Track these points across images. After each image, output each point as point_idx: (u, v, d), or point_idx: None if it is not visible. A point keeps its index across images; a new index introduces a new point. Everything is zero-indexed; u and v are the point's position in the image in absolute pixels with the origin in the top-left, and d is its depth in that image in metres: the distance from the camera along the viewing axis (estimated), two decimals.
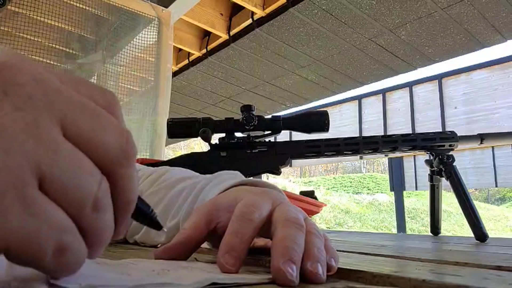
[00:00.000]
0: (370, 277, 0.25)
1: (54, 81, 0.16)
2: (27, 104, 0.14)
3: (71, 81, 0.17)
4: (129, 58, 1.72)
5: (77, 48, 1.74)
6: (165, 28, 1.79)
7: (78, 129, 0.15)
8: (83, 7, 1.66)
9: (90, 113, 0.16)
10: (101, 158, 0.16)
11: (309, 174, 17.08)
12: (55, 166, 0.14)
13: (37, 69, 0.16)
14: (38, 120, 0.14)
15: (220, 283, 0.20)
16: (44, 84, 0.15)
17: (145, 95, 1.76)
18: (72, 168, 0.15)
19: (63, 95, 0.15)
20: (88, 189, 0.15)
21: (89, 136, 0.16)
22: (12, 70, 0.15)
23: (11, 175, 0.13)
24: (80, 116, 0.15)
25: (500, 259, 0.40)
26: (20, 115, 0.14)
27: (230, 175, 0.40)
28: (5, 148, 0.13)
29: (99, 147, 0.16)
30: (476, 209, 0.79)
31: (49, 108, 0.15)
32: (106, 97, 0.18)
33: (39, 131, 0.14)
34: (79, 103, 0.16)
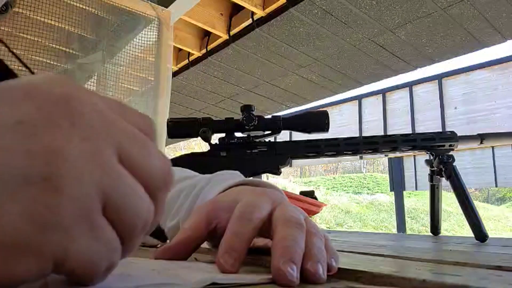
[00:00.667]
0: (370, 277, 0.25)
1: (109, 111, 0.17)
2: (91, 134, 0.15)
3: (117, 108, 0.18)
4: (129, 58, 1.72)
5: (77, 48, 1.74)
6: (165, 28, 1.79)
7: (131, 157, 0.17)
8: (83, 7, 1.66)
9: (140, 142, 0.17)
10: (149, 184, 0.17)
11: (309, 174, 17.08)
12: (117, 193, 0.16)
13: (93, 99, 0.17)
14: (101, 149, 0.16)
15: (220, 283, 0.20)
16: (102, 114, 0.16)
17: (145, 95, 1.76)
18: (131, 195, 0.16)
19: (118, 125, 0.17)
20: (142, 214, 0.17)
21: (140, 163, 0.17)
22: (76, 101, 0.16)
23: (84, 203, 0.15)
24: (132, 145, 0.17)
25: (500, 259, 0.40)
26: (87, 145, 0.15)
27: (230, 175, 0.40)
28: (78, 179, 0.15)
29: (147, 174, 0.17)
30: (476, 209, 0.79)
31: (108, 137, 0.16)
32: (146, 123, 0.19)
33: (103, 160, 0.15)
34: (131, 132, 0.17)
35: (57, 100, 0.16)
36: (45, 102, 0.15)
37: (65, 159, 0.15)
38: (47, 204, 0.14)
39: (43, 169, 0.14)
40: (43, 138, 0.14)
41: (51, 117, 0.15)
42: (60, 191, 0.14)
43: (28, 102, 0.15)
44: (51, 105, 0.15)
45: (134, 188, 0.16)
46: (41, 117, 0.15)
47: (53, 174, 0.14)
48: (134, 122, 0.18)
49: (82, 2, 1.64)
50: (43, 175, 0.14)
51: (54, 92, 0.16)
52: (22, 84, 0.16)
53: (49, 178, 0.14)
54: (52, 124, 0.15)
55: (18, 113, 0.15)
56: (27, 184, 0.14)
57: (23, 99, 0.15)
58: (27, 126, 0.15)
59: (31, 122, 0.15)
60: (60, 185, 0.14)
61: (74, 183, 0.14)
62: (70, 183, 0.14)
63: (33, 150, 0.14)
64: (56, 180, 0.14)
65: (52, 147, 0.14)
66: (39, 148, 0.14)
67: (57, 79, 0.16)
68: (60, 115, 0.15)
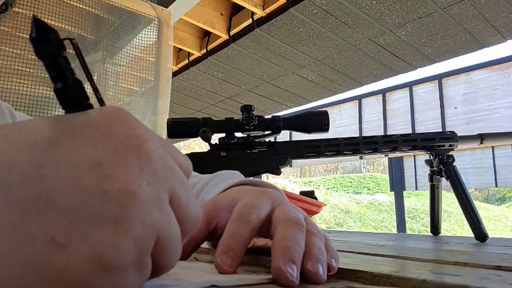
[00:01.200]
0: (370, 277, 0.25)
1: (167, 156, 0.18)
2: (154, 179, 0.17)
3: (168, 147, 0.19)
4: (129, 58, 1.72)
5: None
6: (165, 28, 1.79)
7: (179, 202, 0.18)
8: (83, 7, 1.66)
9: (185, 188, 0.19)
10: (184, 227, 0.19)
11: (309, 174, 17.08)
12: (166, 235, 0.17)
13: (157, 143, 0.18)
14: (161, 194, 0.17)
15: (220, 286, 0.20)
16: (163, 160, 0.18)
17: (145, 95, 1.76)
18: (175, 238, 0.18)
19: (173, 171, 0.18)
20: (177, 255, 0.18)
21: (184, 208, 0.18)
22: (147, 147, 0.17)
23: (144, 246, 0.16)
24: (181, 190, 0.18)
25: (500, 259, 0.40)
26: (151, 190, 0.16)
27: (230, 175, 0.40)
28: (144, 223, 0.16)
29: (187, 219, 0.19)
30: (476, 209, 0.79)
31: (166, 182, 0.17)
32: (187, 165, 0.21)
33: (161, 204, 0.17)
34: (181, 179, 0.19)
35: (131, 145, 0.17)
36: (121, 145, 0.16)
37: (136, 203, 0.15)
38: (115, 247, 0.15)
39: (116, 212, 0.15)
40: (118, 181, 0.15)
41: (125, 161, 0.16)
42: (128, 235, 0.15)
43: (106, 144, 0.16)
44: (126, 149, 0.16)
45: (178, 231, 0.18)
46: (117, 160, 0.16)
47: (124, 217, 0.15)
48: (179, 162, 0.20)
49: (82, 2, 1.64)
50: (116, 218, 0.15)
51: (128, 135, 0.17)
52: (98, 122, 0.17)
53: (121, 222, 0.15)
54: (126, 168, 0.16)
55: (96, 154, 0.16)
56: (100, 225, 0.14)
57: (101, 140, 0.16)
58: (104, 168, 0.15)
59: (108, 165, 0.16)
60: (129, 228, 0.15)
61: (140, 226, 0.15)
62: (137, 226, 0.15)
63: (109, 192, 0.15)
64: (126, 223, 0.15)
65: (126, 190, 0.15)
66: (114, 190, 0.15)
67: (128, 119, 0.18)
68: (133, 159, 0.16)
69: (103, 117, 0.17)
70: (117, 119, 0.17)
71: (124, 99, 1.75)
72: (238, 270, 0.25)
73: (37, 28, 0.17)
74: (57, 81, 0.18)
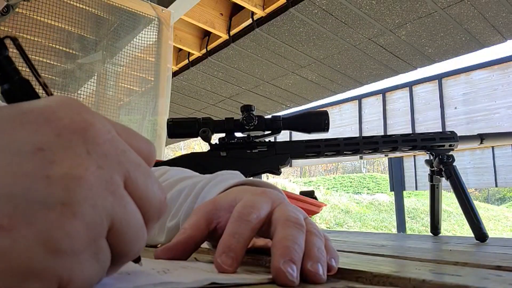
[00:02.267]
0: (370, 277, 0.25)
1: (119, 140, 0.18)
2: (105, 163, 0.16)
3: (125, 133, 0.19)
4: (129, 58, 1.72)
5: (77, 48, 1.74)
6: (165, 28, 1.79)
7: (135, 185, 0.18)
8: (83, 7, 1.66)
9: (144, 171, 0.18)
10: (146, 212, 0.18)
11: (309, 174, 17.08)
12: (122, 220, 0.16)
13: (107, 127, 0.18)
14: (113, 177, 0.16)
15: (219, 283, 0.20)
16: (114, 143, 0.17)
17: (145, 95, 1.76)
18: (133, 223, 0.17)
19: (127, 154, 0.18)
20: (140, 241, 0.18)
21: (143, 192, 0.18)
22: (93, 130, 0.17)
23: (95, 228, 0.15)
24: (137, 174, 0.18)
25: (500, 259, 0.40)
26: (101, 173, 0.16)
27: (230, 175, 0.40)
28: (94, 205, 0.15)
29: (147, 202, 0.18)
30: (476, 209, 0.79)
31: (119, 166, 0.17)
32: (149, 149, 0.20)
33: (114, 187, 0.16)
34: (137, 162, 0.18)
35: (76, 129, 0.16)
36: (65, 129, 0.16)
37: (83, 186, 0.15)
38: (63, 229, 0.14)
39: (62, 195, 0.14)
40: (62, 165, 0.15)
41: (69, 145, 0.16)
42: (76, 217, 0.15)
43: (48, 129, 0.16)
44: (70, 133, 0.16)
45: (137, 216, 0.17)
46: (60, 145, 0.15)
47: (71, 199, 0.15)
48: (138, 148, 0.19)
49: (82, 2, 1.64)
50: (61, 200, 0.14)
51: (73, 120, 0.16)
52: (41, 108, 0.16)
53: (67, 204, 0.14)
54: (70, 152, 0.15)
55: (38, 139, 0.15)
56: (45, 209, 0.14)
57: (43, 125, 0.16)
58: (47, 153, 0.15)
59: (51, 149, 0.15)
60: (77, 210, 0.15)
61: (89, 209, 0.15)
62: (86, 209, 0.15)
63: (53, 176, 0.15)
64: (74, 205, 0.15)
65: (71, 174, 0.15)
66: (58, 174, 0.15)
67: (74, 105, 0.17)
68: (78, 143, 0.16)
69: (47, 104, 0.17)
70: (62, 105, 0.17)
71: (124, 99, 1.75)
72: (238, 270, 0.25)
73: None
74: (2, 82, 0.17)
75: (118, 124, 0.19)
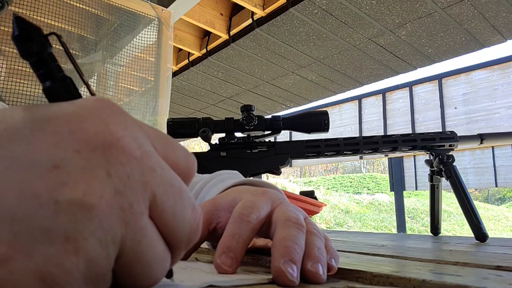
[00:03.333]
0: (370, 277, 0.25)
1: (150, 156, 0.16)
2: (126, 186, 0.14)
3: (160, 143, 0.17)
4: (129, 58, 1.72)
5: (77, 48, 1.73)
6: (165, 28, 1.79)
7: (162, 210, 0.16)
8: (83, 7, 1.66)
9: (174, 193, 0.16)
10: (172, 240, 0.16)
11: (309, 174, 17.07)
12: (133, 253, 0.15)
13: (137, 142, 0.15)
14: (132, 205, 0.14)
15: (218, 286, 0.20)
16: (142, 162, 0.15)
17: (145, 95, 1.75)
18: (149, 255, 0.15)
19: (157, 173, 0.16)
20: (155, 272, 0.16)
21: (168, 218, 0.16)
22: (118, 147, 0.15)
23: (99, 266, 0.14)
24: (165, 197, 0.16)
25: (500, 259, 0.40)
26: (118, 200, 0.14)
27: (229, 174, 0.40)
28: (101, 241, 0.14)
29: (174, 230, 0.16)
30: (476, 209, 0.79)
31: (143, 189, 0.15)
32: (188, 162, 0.18)
33: (131, 218, 0.14)
34: (168, 181, 0.16)
35: (98, 145, 0.14)
36: (86, 146, 0.14)
37: (93, 218, 0.13)
38: (63, 267, 0.13)
39: (68, 227, 0.13)
40: (75, 189, 0.13)
41: (88, 164, 0.14)
42: (78, 254, 0.13)
43: (69, 143, 0.14)
44: (91, 150, 0.14)
45: (155, 248, 0.15)
46: (78, 163, 0.14)
47: (76, 233, 0.13)
48: (175, 162, 0.17)
49: (82, 2, 1.64)
50: (66, 233, 0.13)
51: (98, 134, 0.14)
52: (68, 116, 0.15)
53: (72, 239, 0.13)
54: (87, 173, 0.14)
55: (56, 155, 0.14)
56: (47, 241, 0.13)
57: (65, 137, 0.14)
58: (61, 172, 0.13)
59: (67, 168, 0.13)
60: (81, 248, 0.13)
61: (95, 245, 0.13)
62: (91, 245, 0.13)
63: (62, 202, 0.13)
64: (78, 241, 0.13)
65: (82, 202, 0.13)
66: (68, 201, 0.13)
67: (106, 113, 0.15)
68: (98, 163, 0.14)
69: (76, 111, 0.15)
70: (93, 112, 0.15)
71: (124, 99, 1.75)
72: (238, 270, 0.25)
73: (19, 25, 0.15)
74: (44, 79, 0.16)
75: (155, 132, 0.17)
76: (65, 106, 0.15)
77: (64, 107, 0.15)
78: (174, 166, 0.17)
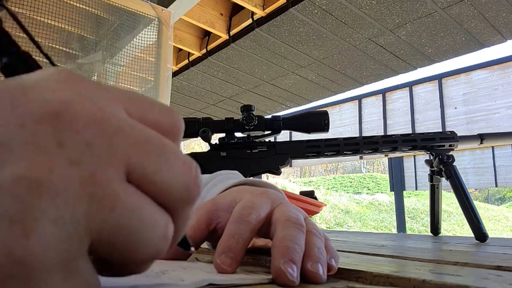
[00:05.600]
0: (370, 277, 0.25)
1: (116, 117, 0.14)
2: (84, 155, 0.12)
3: (135, 104, 0.15)
4: (129, 58, 1.72)
5: (77, 48, 1.74)
6: (165, 28, 1.79)
7: (143, 171, 0.14)
8: (83, 7, 1.66)
9: (155, 151, 0.14)
10: (166, 201, 0.14)
11: (309, 174, 17.08)
12: (110, 227, 0.13)
13: (97, 104, 0.14)
14: (95, 174, 0.12)
15: (218, 284, 0.20)
16: (104, 124, 0.13)
17: (145, 95, 1.75)
18: (132, 227, 0.13)
19: (126, 133, 0.14)
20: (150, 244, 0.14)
21: (154, 178, 0.14)
22: (70, 113, 0.13)
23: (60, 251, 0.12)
24: (144, 155, 0.14)
25: (500, 259, 0.40)
26: (75, 172, 0.12)
27: (229, 174, 0.40)
28: (56, 220, 0.12)
29: (164, 190, 0.14)
30: (476, 209, 0.79)
31: (110, 154, 0.13)
32: (172, 119, 0.16)
33: (95, 188, 0.12)
34: (143, 140, 0.14)
35: (45, 114, 0.12)
36: (31, 117, 0.12)
37: (42, 196, 0.11)
38: (14, 254, 0.11)
39: (12, 209, 0.11)
40: (17, 167, 0.12)
41: (34, 138, 0.12)
42: (30, 238, 0.11)
43: (12, 117, 0.12)
44: (36, 121, 0.12)
45: (136, 211, 0.13)
46: (21, 138, 0.12)
47: (23, 215, 0.11)
48: (155, 119, 0.15)
49: (82, 2, 1.64)
50: (10, 217, 0.11)
51: (45, 102, 0.13)
52: (12, 88, 0.13)
53: (18, 221, 0.11)
54: (33, 148, 0.12)
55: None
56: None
57: (7, 112, 0.12)
58: (1, 151, 0.12)
59: (7, 146, 0.12)
60: (31, 229, 0.11)
61: (49, 226, 0.11)
62: (44, 226, 0.11)
63: (2, 183, 0.11)
64: (27, 223, 0.11)
65: (27, 179, 0.11)
66: (9, 181, 0.11)
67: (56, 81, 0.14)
68: (46, 134, 0.12)
69: (23, 82, 0.13)
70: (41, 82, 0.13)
71: None
72: (238, 270, 0.25)
73: None
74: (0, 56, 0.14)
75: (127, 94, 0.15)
76: (12, 81, 0.13)
77: (11, 81, 0.13)
78: (155, 124, 0.15)
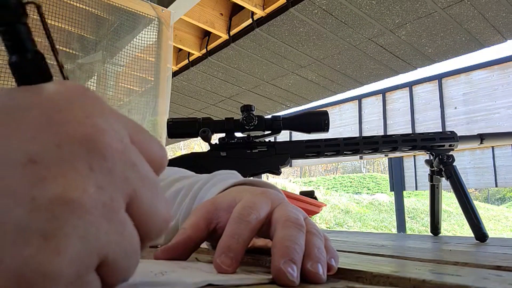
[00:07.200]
0: (370, 277, 0.25)
1: (131, 150, 0.15)
2: (107, 181, 0.14)
3: (138, 137, 0.16)
4: (129, 58, 1.72)
5: (77, 48, 1.73)
6: (165, 28, 1.79)
7: (140, 204, 0.15)
8: (83, 7, 1.66)
9: (150, 187, 0.16)
10: (146, 233, 0.16)
11: (309, 174, 17.08)
12: (117, 250, 0.14)
13: (119, 134, 0.15)
14: (113, 199, 0.14)
15: (217, 284, 0.20)
16: (124, 156, 0.15)
17: (145, 95, 1.76)
18: (129, 250, 0.15)
19: (137, 169, 0.15)
20: (132, 268, 0.15)
21: (146, 212, 0.16)
22: (101, 140, 0.14)
23: (82, 265, 0.13)
24: (144, 191, 0.15)
25: (500, 259, 0.40)
26: (101, 195, 0.13)
27: (228, 174, 0.40)
28: (84, 237, 0.13)
29: (149, 224, 0.16)
30: (476, 209, 0.79)
31: (124, 184, 0.14)
32: (161, 156, 0.18)
33: (112, 212, 0.14)
34: (146, 177, 0.16)
35: (81, 137, 0.13)
36: (67, 138, 0.13)
37: (75, 214, 0.12)
38: (41, 269, 0.12)
39: (46, 226, 0.12)
40: (54, 185, 0.12)
41: (70, 158, 0.13)
42: (60, 254, 0.12)
43: (48, 136, 0.13)
44: (72, 143, 0.13)
45: (133, 241, 0.15)
46: (58, 157, 0.13)
47: (56, 232, 0.12)
48: (150, 155, 0.17)
49: (82, 2, 1.64)
50: (44, 232, 0.12)
51: (80, 125, 0.14)
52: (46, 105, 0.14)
53: (51, 237, 0.12)
54: (68, 168, 0.13)
55: (32, 149, 0.13)
56: (21, 242, 0.12)
57: (43, 130, 0.13)
58: (39, 167, 0.12)
59: (45, 163, 0.13)
60: (63, 245, 0.12)
61: (77, 243, 0.12)
62: (73, 243, 0.12)
63: (39, 198, 0.12)
64: (59, 240, 0.12)
65: (63, 197, 0.12)
66: (47, 197, 0.12)
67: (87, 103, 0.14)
68: (80, 156, 0.13)
69: (54, 98, 0.14)
70: (72, 101, 0.14)
71: (124, 99, 1.75)
72: (238, 270, 0.25)
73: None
74: (13, 52, 0.15)
75: (132, 124, 0.17)
76: (40, 93, 0.14)
77: (39, 93, 0.14)
78: (149, 158, 0.17)
